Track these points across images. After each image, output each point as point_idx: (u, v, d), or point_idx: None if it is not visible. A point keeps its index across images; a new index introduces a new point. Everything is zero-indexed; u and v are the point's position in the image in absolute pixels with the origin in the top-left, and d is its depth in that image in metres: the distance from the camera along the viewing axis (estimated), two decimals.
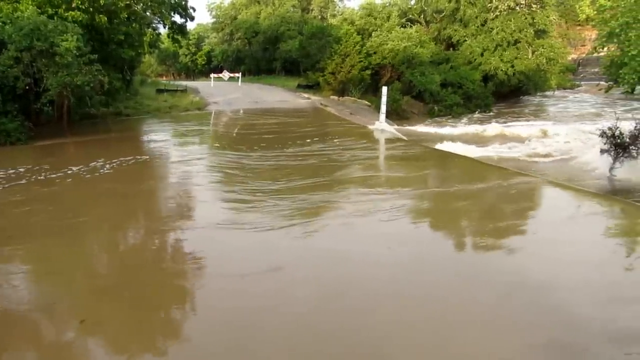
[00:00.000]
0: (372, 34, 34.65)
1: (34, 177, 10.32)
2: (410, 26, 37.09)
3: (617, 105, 32.90)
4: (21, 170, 10.92)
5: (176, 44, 28.42)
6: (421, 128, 24.22)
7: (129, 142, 15.84)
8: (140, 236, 7.44)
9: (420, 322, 4.73)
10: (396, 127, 21.95)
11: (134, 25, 20.52)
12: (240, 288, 5.37)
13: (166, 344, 4.43)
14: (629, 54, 35.06)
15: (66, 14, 16.35)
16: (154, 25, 23.78)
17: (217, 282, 5.59)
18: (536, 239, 7.18)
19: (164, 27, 24.23)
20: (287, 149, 13.89)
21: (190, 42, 54.04)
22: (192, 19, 24.13)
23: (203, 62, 57.39)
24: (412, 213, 8.45)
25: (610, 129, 12.69)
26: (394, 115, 27.49)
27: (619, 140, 12.51)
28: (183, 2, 22.87)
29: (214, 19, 53.86)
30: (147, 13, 21.59)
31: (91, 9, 16.97)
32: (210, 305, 5.06)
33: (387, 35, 33.63)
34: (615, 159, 12.59)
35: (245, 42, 49.94)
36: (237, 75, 38.36)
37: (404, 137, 17.78)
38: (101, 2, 16.75)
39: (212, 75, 38.58)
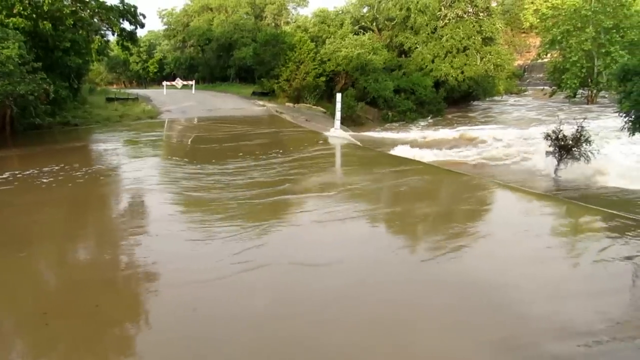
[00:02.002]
0: (326, 41, 35.00)
1: None
2: (363, 33, 37.68)
3: (560, 108, 34.40)
4: None
5: (126, 52, 27.75)
6: (376, 134, 24.58)
7: (76, 153, 15.27)
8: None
9: (375, 325, 4.75)
10: (351, 133, 22.17)
11: (80, 32, 19.91)
12: (195, 297, 5.26)
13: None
14: (570, 60, 37.10)
15: (7, 21, 15.68)
16: (102, 32, 23.11)
17: (171, 292, 5.44)
18: (486, 240, 7.37)
19: (113, 34, 23.57)
20: (242, 157, 13.76)
21: (141, 49, 53.01)
22: (142, 26, 23.59)
23: (155, 70, 56.36)
24: (366, 218, 8.51)
25: (554, 131, 13.26)
26: (349, 121, 27.80)
27: (562, 143, 13.09)
28: (132, 9, 22.31)
29: (166, 26, 53.08)
30: (95, 20, 20.99)
31: (34, 15, 16.36)
32: (164, 314, 4.92)
33: (341, 43, 34.05)
34: (559, 161, 13.16)
35: (199, 49, 49.39)
36: (190, 83, 37.83)
37: (359, 143, 17.96)
38: (45, 8, 16.18)
39: (164, 83, 37.86)
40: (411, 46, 37.80)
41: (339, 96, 21.46)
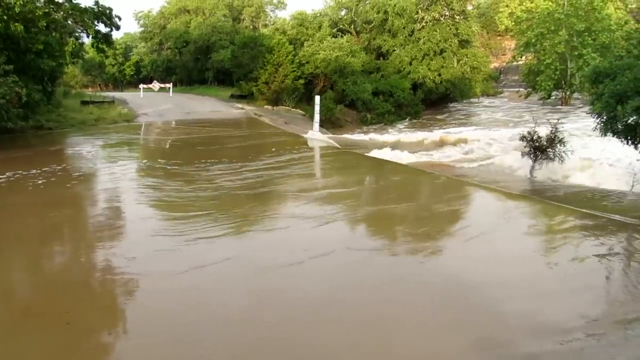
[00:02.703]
0: (304, 44, 34.99)
1: None
2: (342, 36, 37.78)
3: (536, 110, 34.98)
4: None
5: (102, 54, 27.28)
6: (355, 136, 24.65)
7: (49, 157, 14.94)
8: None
9: (358, 326, 4.77)
10: (330, 135, 22.19)
11: (54, 34, 19.47)
12: (176, 300, 5.19)
13: None
14: (544, 62, 37.80)
15: None
16: (76, 34, 22.66)
17: (149, 297, 5.36)
18: (465, 240, 7.45)
19: (88, 36, 23.10)
20: (220, 160, 13.65)
21: (117, 51, 52.16)
22: (118, 28, 23.19)
23: (131, 73, 55.51)
24: (346, 219, 8.53)
25: (529, 133, 13.48)
26: (328, 123, 27.84)
27: (537, 144, 13.31)
28: (108, 11, 21.90)
29: (142, 28, 52.39)
30: (69, 22, 20.55)
31: (5, 17, 15.94)
32: (144, 315, 4.85)
33: (319, 45, 34.09)
34: (534, 161, 13.38)
35: (176, 51, 48.88)
36: (167, 85, 37.40)
37: (338, 145, 17.99)
38: (16, 9, 15.78)
39: (141, 86, 37.35)
40: (389, 49, 38.02)
41: (317, 99, 21.48)
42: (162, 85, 37.50)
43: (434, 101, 38.66)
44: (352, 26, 40.88)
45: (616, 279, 5.97)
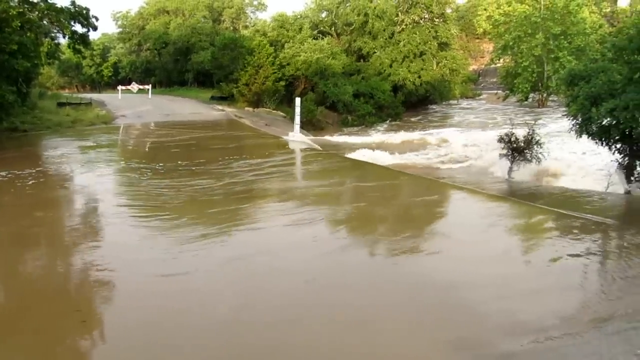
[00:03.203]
0: (285, 46, 34.96)
1: None
2: (322, 38, 37.86)
3: (514, 112, 35.52)
4: None
5: (78, 55, 26.91)
6: (335, 138, 24.72)
7: (24, 160, 14.63)
8: None
9: (334, 327, 4.77)
10: (311, 137, 22.21)
11: (28, 34, 19.12)
12: (155, 304, 5.12)
13: None
14: (522, 65, 38.46)
15: None
16: (52, 34, 22.31)
17: (128, 301, 5.28)
18: (443, 241, 7.51)
19: (64, 37, 22.77)
20: (201, 162, 13.54)
21: (94, 52, 51.51)
22: (95, 28, 22.90)
23: (110, 74, 54.81)
24: (325, 221, 8.52)
25: (507, 134, 13.67)
26: (309, 125, 27.85)
27: (515, 145, 13.50)
28: (84, 11, 21.61)
29: (120, 29, 51.80)
30: (44, 22, 20.23)
31: None
32: (121, 321, 4.77)
33: (300, 47, 34.10)
34: (512, 163, 13.57)
35: (155, 53, 48.39)
36: (147, 87, 37.04)
37: (319, 147, 18.00)
38: None
39: (119, 87, 36.91)
40: (369, 51, 38.24)
41: (298, 100, 21.47)
42: (141, 87, 37.10)
43: (414, 103, 38.99)
44: (333, 28, 40.99)
45: (591, 278, 6.08)
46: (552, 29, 37.13)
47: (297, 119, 20.96)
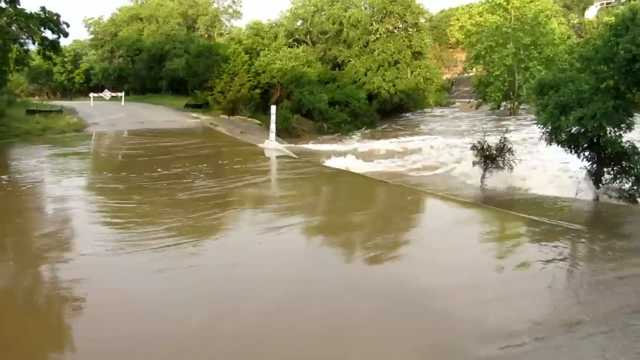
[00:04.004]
0: (260, 54, 34.90)
1: None
2: (298, 46, 37.98)
3: (486, 120, 36.16)
4: None
5: (49, 61, 26.36)
6: (311, 145, 24.73)
7: None
8: None
9: (312, 334, 4.77)
10: (287, 145, 22.16)
11: None
12: (128, 317, 5.01)
13: None
14: (494, 74, 39.23)
15: None
16: (21, 40, 21.81)
17: (99, 312, 5.15)
18: (418, 248, 7.57)
19: (34, 43, 22.30)
20: (175, 171, 13.37)
21: (65, 59, 50.61)
22: (66, 35, 22.48)
23: (81, 81, 53.91)
24: (301, 229, 8.50)
25: (479, 142, 13.87)
26: (285, 133, 27.79)
27: (487, 153, 13.71)
28: (55, 17, 21.22)
29: (92, 35, 51.06)
30: (13, 28, 19.79)
31: None
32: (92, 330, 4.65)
33: (275, 55, 34.10)
34: (485, 170, 13.76)
35: (128, 60, 47.80)
36: (120, 94, 36.54)
37: (294, 155, 17.98)
38: None
39: (91, 94, 36.30)
40: (344, 59, 38.50)
41: (273, 108, 21.45)
42: (114, 94, 36.60)
43: (389, 111, 39.36)
44: (308, 36, 41.17)
45: (561, 283, 6.19)
46: (522, 39, 38.00)
47: (273, 126, 20.91)
